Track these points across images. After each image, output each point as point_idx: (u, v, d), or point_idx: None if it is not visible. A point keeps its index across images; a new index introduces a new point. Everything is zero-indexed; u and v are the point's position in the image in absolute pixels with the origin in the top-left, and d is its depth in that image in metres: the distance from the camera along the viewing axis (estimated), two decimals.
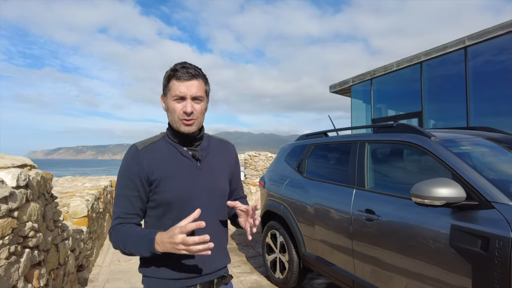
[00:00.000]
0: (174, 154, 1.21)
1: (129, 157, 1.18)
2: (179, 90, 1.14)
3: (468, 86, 7.37)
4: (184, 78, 1.14)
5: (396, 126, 2.51)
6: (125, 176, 1.18)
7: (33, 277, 2.14)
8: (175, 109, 1.16)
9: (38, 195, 2.43)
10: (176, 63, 1.19)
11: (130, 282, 3.75)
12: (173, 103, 1.16)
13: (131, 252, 1.11)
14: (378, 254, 2.29)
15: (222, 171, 1.31)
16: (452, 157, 1.99)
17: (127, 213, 1.16)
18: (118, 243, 1.13)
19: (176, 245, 0.98)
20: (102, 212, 5.77)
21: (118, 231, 1.14)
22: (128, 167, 1.17)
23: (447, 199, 1.72)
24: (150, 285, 1.18)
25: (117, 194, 1.19)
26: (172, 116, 1.18)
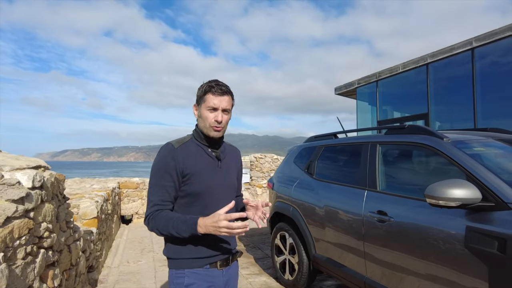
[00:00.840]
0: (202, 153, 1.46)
1: (167, 153, 1.40)
2: (213, 102, 1.40)
3: (475, 87, 7.33)
4: (218, 93, 1.40)
5: (407, 128, 2.50)
6: (162, 168, 1.39)
7: (47, 277, 2.16)
8: (208, 117, 1.41)
9: (52, 196, 2.45)
10: (211, 80, 1.46)
11: (139, 283, 3.76)
12: (206, 112, 1.41)
13: (171, 233, 1.31)
14: (390, 256, 2.29)
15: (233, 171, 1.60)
16: (466, 158, 1.98)
17: (164, 200, 1.38)
18: (157, 226, 1.34)
19: (220, 228, 1.22)
20: (111, 214, 5.81)
21: (157, 216, 1.34)
22: (166, 161, 1.39)
23: (462, 200, 1.71)
24: (178, 265, 1.40)
25: (154, 184, 1.40)
26: (204, 122, 1.44)
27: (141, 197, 8.10)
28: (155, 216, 1.36)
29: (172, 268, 1.43)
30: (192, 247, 1.39)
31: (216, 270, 1.43)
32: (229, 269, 1.49)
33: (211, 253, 1.43)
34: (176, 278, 1.41)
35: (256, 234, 6.11)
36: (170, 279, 1.44)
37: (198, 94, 1.46)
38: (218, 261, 1.44)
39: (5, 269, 1.55)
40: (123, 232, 6.82)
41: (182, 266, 1.40)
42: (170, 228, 1.31)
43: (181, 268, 1.40)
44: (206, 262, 1.42)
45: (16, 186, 1.86)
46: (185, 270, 1.40)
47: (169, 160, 1.39)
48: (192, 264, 1.40)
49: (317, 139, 3.65)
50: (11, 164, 2.23)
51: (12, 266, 1.66)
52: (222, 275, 1.46)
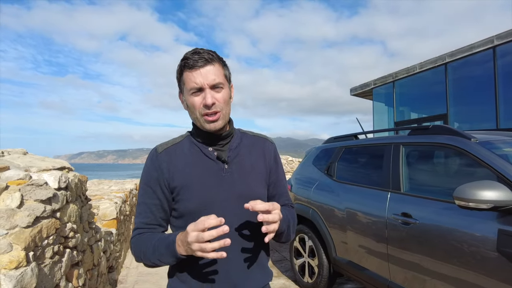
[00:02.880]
0: (197, 156, 1.06)
1: (149, 161, 1.07)
2: (194, 82, 0.98)
3: (497, 87, 7.12)
4: (198, 65, 0.97)
5: (432, 128, 2.44)
6: (144, 182, 1.06)
7: (72, 276, 2.19)
8: (195, 104, 1.00)
9: (76, 197, 2.49)
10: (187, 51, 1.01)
11: (158, 285, 3.79)
12: (191, 98, 1.00)
13: (154, 262, 0.98)
14: (415, 259, 2.23)
15: (256, 173, 1.11)
16: (497, 158, 1.92)
17: (147, 223, 1.05)
18: (139, 254, 1.01)
19: (190, 244, 0.85)
20: (129, 215, 5.88)
21: (137, 240, 1.02)
22: (147, 172, 1.06)
23: (494, 202, 1.66)
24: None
25: (138, 202, 1.09)
26: (193, 113, 1.03)
27: None
28: (136, 240, 1.03)
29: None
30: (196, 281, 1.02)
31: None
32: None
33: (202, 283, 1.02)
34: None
35: None
36: None
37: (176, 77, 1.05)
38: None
39: (35, 268, 1.58)
40: None
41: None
42: (149, 255, 0.97)
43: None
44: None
45: (44, 186, 1.90)
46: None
47: (151, 171, 1.04)
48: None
49: (337, 140, 3.60)
50: (38, 165, 2.29)
51: (41, 265, 1.70)
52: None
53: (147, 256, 0.98)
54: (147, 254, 0.98)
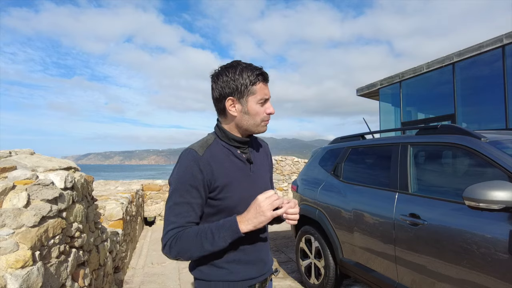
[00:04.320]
0: (231, 158, 1.17)
1: (192, 162, 1.10)
2: (265, 93, 1.13)
3: (506, 86, 7.02)
4: (267, 80, 1.14)
5: (440, 128, 2.40)
6: (186, 182, 1.09)
7: (78, 276, 2.19)
8: (259, 112, 1.13)
9: (82, 197, 2.50)
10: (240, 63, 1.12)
11: (164, 285, 3.79)
12: (257, 106, 1.13)
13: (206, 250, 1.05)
14: (423, 261, 2.19)
15: (266, 171, 1.31)
16: (508, 158, 1.88)
17: (188, 221, 1.10)
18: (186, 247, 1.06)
19: (265, 212, 1.01)
20: (135, 215, 5.90)
21: (182, 236, 1.06)
22: (191, 173, 1.09)
23: (506, 203, 1.62)
24: None
25: (175, 202, 1.10)
26: (253, 119, 1.14)
27: (164, 199, 8.20)
28: (178, 237, 1.07)
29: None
30: (229, 269, 1.15)
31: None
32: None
33: (250, 274, 1.17)
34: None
35: (278, 238, 6.05)
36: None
37: (238, 84, 1.10)
38: (257, 284, 1.19)
39: (41, 267, 1.58)
40: (147, 233, 6.91)
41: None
42: (204, 242, 1.05)
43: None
44: (245, 285, 1.16)
45: (50, 186, 1.91)
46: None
47: (195, 172, 1.09)
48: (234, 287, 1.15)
49: (343, 140, 3.57)
50: (44, 165, 2.30)
51: (47, 265, 1.70)
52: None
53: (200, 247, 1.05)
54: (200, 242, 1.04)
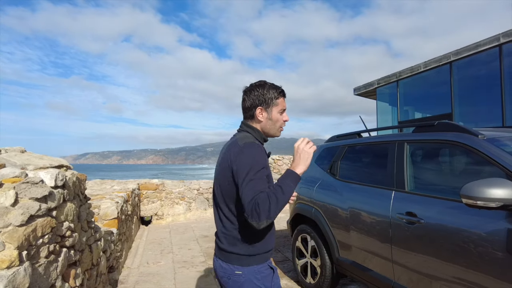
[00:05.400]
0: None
1: (261, 150, 1.42)
2: (283, 105, 1.55)
3: (503, 85, 7.01)
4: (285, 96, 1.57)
5: (437, 125, 2.38)
6: (262, 164, 1.37)
7: (69, 276, 2.15)
8: (279, 119, 1.54)
9: (74, 196, 2.46)
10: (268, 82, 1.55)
11: (159, 285, 3.75)
12: (278, 115, 1.53)
13: (286, 197, 1.28)
14: (420, 259, 2.17)
15: None
16: (507, 156, 1.85)
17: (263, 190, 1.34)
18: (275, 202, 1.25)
19: (307, 147, 1.38)
20: (130, 215, 5.85)
21: (258, 199, 1.25)
22: (263, 157, 1.40)
23: (504, 200, 1.59)
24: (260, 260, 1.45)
25: (257, 177, 1.33)
26: (274, 124, 1.54)
27: (160, 198, 8.16)
28: (256, 202, 1.26)
29: (252, 264, 1.44)
30: (267, 241, 1.48)
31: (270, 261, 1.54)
32: None
33: (273, 245, 1.55)
34: (260, 273, 1.44)
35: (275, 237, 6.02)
36: (250, 275, 1.42)
37: (266, 98, 1.50)
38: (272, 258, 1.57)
39: (28, 268, 1.54)
40: (143, 233, 6.87)
41: (262, 260, 1.46)
42: (277, 195, 1.26)
43: (262, 263, 1.46)
44: (271, 255, 1.53)
45: (40, 184, 1.86)
46: (266, 263, 1.48)
47: (264, 156, 1.42)
48: (267, 257, 1.49)
49: (340, 138, 3.54)
50: (35, 163, 2.25)
51: (35, 265, 1.66)
52: None
53: (281, 197, 1.26)
54: (277, 196, 1.26)
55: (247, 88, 1.57)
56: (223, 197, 1.48)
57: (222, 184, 1.48)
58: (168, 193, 8.27)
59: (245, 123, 1.58)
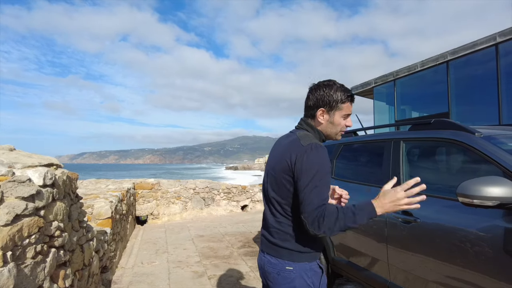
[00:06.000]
0: None
1: (326, 154, 1.38)
2: (350, 110, 1.47)
3: (500, 85, 7.00)
4: (354, 101, 1.49)
5: (434, 123, 2.34)
6: (328, 169, 1.36)
7: (58, 277, 2.10)
8: (341, 124, 1.47)
9: (64, 195, 2.41)
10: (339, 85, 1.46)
11: (153, 285, 3.70)
12: (340, 119, 1.46)
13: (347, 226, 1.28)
14: (416, 259, 2.14)
15: None
16: (503, 153, 1.82)
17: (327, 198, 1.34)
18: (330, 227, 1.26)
19: (399, 202, 1.29)
20: (125, 214, 5.79)
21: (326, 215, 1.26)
22: (328, 161, 1.37)
23: (501, 199, 1.56)
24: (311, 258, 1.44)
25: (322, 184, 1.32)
26: (335, 128, 1.48)
27: (156, 198, 8.10)
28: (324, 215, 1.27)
29: (303, 261, 1.42)
30: (315, 241, 1.45)
31: None
32: None
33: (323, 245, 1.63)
34: (310, 270, 1.43)
35: None
36: (301, 271, 1.41)
37: (331, 100, 1.44)
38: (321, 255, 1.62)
39: (13, 268, 1.49)
40: (138, 233, 6.81)
41: (313, 258, 1.46)
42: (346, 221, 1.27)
43: (313, 261, 1.45)
44: (320, 254, 1.53)
45: (27, 183, 1.81)
46: (316, 261, 1.48)
47: (329, 162, 1.39)
48: (317, 256, 1.48)
49: None
50: (23, 161, 2.20)
51: (21, 266, 1.61)
52: None
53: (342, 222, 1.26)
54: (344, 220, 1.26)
55: (314, 85, 1.51)
56: (278, 194, 1.45)
57: (278, 181, 1.43)
58: (164, 192, 8.21)
59: (305, 121, 1.53)
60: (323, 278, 1.46)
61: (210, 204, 8.75)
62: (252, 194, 9.39)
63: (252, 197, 9.39)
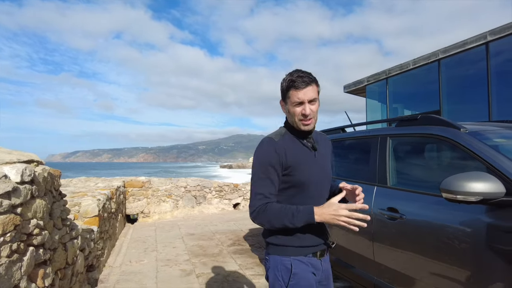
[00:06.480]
0: (299, 145, 1.46)
1: (270, 147, 1.41)
2: (297, 97, 1.37)
3: (490, 83, 7.05)
4: (301, 86, 1.36)
5: (421, 119, 2.33)
6: (267, 162, 1.40)
7: (37, 276, 2.05)
8: (295, 113, 1.40)
9: (45, 192, 2.35)
10: (292, 71, 1.40)
11: (141, 283, 3.65)
12: (293, 108, 1.40)
13: (284, 225, 1.34)
14: (402, 256, 2.12)
15: (328, 160, 1.58)
16: (488, 149, 1.81)
17: (271, 193, 1.40)
18: (269, 219, 1.35)
19: (339, 217, 1.27)
20: (115, 212, 5.72)
21: (267, 209, 1.36)
22: (270, 154, 1.40)
23: (483, 194, 1.55)
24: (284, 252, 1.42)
25: (260, 178, 1.40)
26: (292, 118, 1.43)
27: (146, 196, 8.03)
28: (265, 209, 1.37)
29: (276, 254, 1.45)
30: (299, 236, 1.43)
31: (316, 260, 1.46)
32: (325, 259, 1.52)
33: (314, 242, 1.45)
34: (281, 264, 1.43)
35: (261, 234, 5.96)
36: (273, 264, 1.45)
37: (281, 90, 1.44)
38: (319, 251, 1.47)
39: None
40: (128, 231, 6.74)
41: (288, 253, 1.43)
42: (284, 219, 1.33)
43: (287, 255, 1.43)
44: (310, 251, 1.45)
45: (2, 180, 1.76)
46: (291, 258, 1.42)
47: (272, 154, 1.40)
48: (297, 252, 1.43)
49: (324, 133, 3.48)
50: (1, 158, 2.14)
51: None
52: (321, 264, 1.49)
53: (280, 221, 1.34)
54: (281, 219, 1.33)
55: None
56: None
57: None
58: (154, 190, 8.14)
59: None
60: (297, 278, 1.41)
61: (202, 203, 8.71)
62: (244, 192, 9.36)
63: (244, 195, 9.36)
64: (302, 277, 1.41)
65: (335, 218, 1.27)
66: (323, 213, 1.30)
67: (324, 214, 1.30)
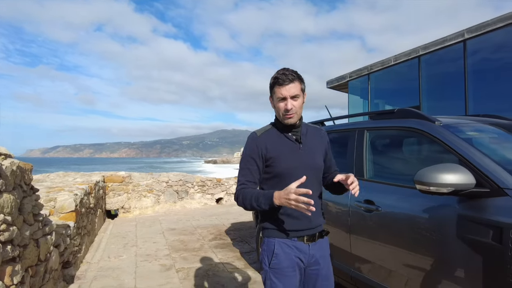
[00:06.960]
0: (282, 138, 1.60)
1: (251, 141, 1.60)
2: (280, 93, 1.51)
3: (466, 81, 7.22)
4: (285, 83, 1.49)
5: (397, 112, 2.35)
6: (248, 154, 1.59)
7: (5, 274, 1.97)
8: (280, 108, 1.54)
9: (14, 186, 2.26)
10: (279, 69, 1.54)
11: (118, 279, 3.59)
12: (278, 103, 1.54)
13: (252, 206, 1.48)
14: (378, 248, 2.15)
15: (318, 151, 1.67)
16: (460, 141, 1.84)
17: (248, 180, 1.56)
18: (243, 201, 1.51)
19: (289, 201, 1.33)
20: (93, 208, 5.59)
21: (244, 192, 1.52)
22: (251, 148, 1.59)
23: (454, 186, 1.57)
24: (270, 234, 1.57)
25: (241, 168, 1.60)
26: (278, 112, 1.58)
27: (127, 191, 7.89)
28: (242, 192, 1.53)
29: (265, 236, 1.60)
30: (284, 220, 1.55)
31: (302, 244, 1.56)
32: (315, 244, 1.59)
33: (299, 227, 1.56)
34: (267, 245, 1.58)
35: (244, 228, 5.96)
36: (263, 245, 1.60)
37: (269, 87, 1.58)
38: (305, 236, 1.56)
39: None
40: (108, 226, 6.61)
41: (273, 235, 1.56)
42: (252, 201, 1.47)
43: (272, 237, 1.56)
44: (294, 235, 1.55)
45: None
46: (275, 239, 1.55)
47: (253, 147, 1.58)
48: (281, 234, 1.55)
49: None
50: None
51: None
52: (308, 249, 1.57)
53: (250, 202, 1.48)
54: (251, 201, 1.48)
55: None
56: None
57: None
58: (135, 185, 8.01)
59: None
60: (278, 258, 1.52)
61: (184, 197, 8.63)
62: (227, 187, 9.33)
63: (227, 189, 9.32)
64: (284, 258, 1.53)
65: (287, 202, 1.36)
66: (280, 197, 1.39)
67: (280, 197, 1.39)
